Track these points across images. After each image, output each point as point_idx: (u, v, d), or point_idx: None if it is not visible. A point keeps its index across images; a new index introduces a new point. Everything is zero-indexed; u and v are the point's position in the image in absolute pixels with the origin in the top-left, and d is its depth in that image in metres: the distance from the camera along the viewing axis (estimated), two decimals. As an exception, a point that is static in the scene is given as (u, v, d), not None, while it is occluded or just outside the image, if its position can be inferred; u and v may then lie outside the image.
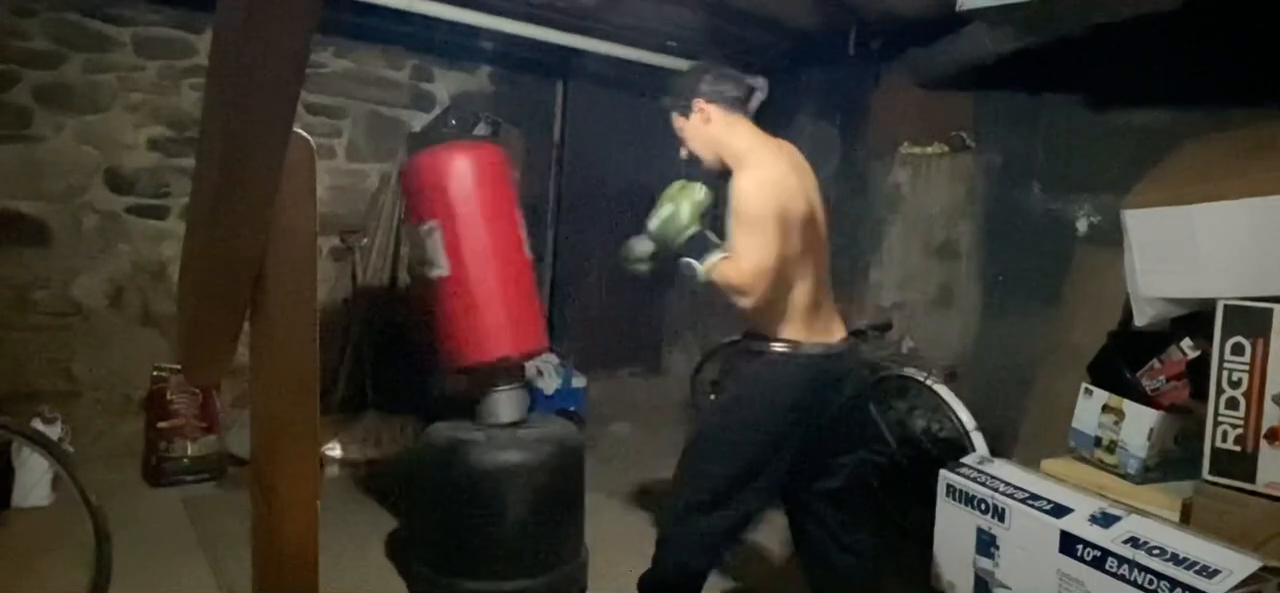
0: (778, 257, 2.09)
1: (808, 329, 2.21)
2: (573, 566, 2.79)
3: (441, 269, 2.68)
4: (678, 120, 2.36)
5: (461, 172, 2.68)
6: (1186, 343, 2.69)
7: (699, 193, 2.26)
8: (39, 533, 3.05)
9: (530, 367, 3.42)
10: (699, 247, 2.17)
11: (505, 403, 2.79)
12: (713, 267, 2.13)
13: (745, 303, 2.10)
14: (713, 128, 2.29)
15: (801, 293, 2.20)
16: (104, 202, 3.87)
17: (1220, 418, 2.35)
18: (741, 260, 2.09)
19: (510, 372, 2.81)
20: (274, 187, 0.98)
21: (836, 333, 2.30)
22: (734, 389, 2.30)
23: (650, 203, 2.32)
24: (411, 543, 3.06)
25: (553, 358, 4.51)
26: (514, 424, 2.77)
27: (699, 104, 2.29)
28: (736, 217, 2.12)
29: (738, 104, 2.31)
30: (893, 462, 3.64)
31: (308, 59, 0.89)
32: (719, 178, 2.30)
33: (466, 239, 2.66)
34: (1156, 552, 2.19)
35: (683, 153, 2.38)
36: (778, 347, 2.20)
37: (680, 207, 2.23)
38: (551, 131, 5.08)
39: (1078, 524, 2.39)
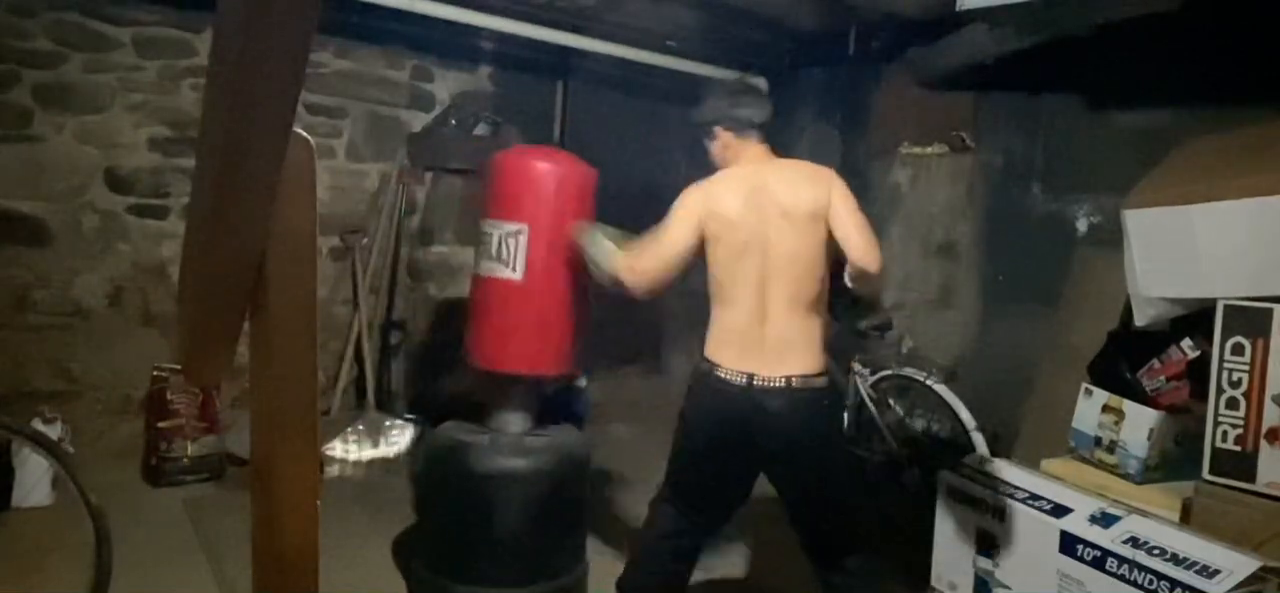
0: (673, 254, 2.25)
1: (739, 355, 2.20)
2: (573, 575, 2.78)
3: (515, 274, 2.63)
4: (703, 139, 2.47)
5: (564, 182, 2.66)
6: (1186, 343, 2.69)
7: (614, 234, 2.52)
8: (39, 533, 3.05)
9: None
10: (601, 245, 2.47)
11: (516, 409, 2.78)
12: (609, 252, 2.41)
13: (636, 288, 2.32)
14: (728, 153, 2.39)
15: (738, 317, 2.22)
16: (104, 202, 3.87)
17: (1220, 418, 2.35)
18: (638, 250, 2.32)
19: (530, 383, 2.79)
20: (274, 187, 0.98)
21: (789, 368, 2.18)
22: (685, 403, 2.39)
23: (650, 202, 2.35)
24: (413, 543, 3.06)
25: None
26: (522, 431, 2.76)
27: (715, 130, 2.40)
28: None
29: (749, 127, 2.37)
30: (893, 462, 3.65)
31: (308, 59, 0.89)
32: None
33: (551, 251, 2.63)
34: (1156, 552, 2.19)
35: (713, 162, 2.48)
36: (701, 366, 2.28)
37: (602, 234, 2.52)
38: (551, 132, 5.08)
39: (1078, 524, 2.39)
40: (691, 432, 2.32)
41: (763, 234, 2.20)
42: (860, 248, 2.19)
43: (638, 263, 2.31)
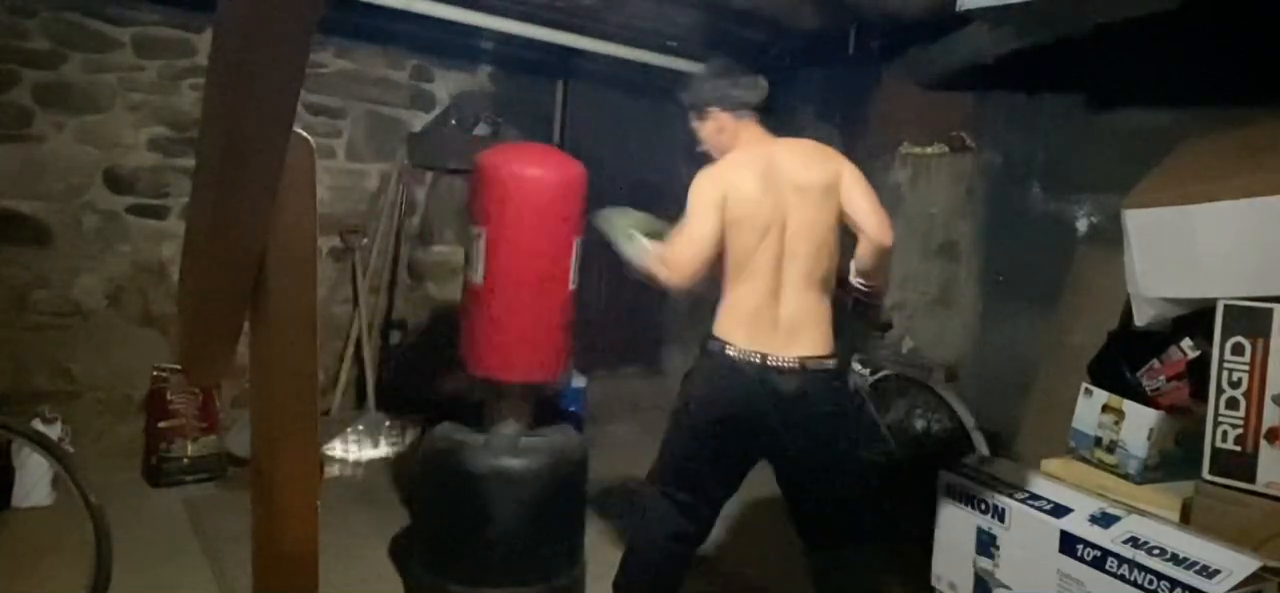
0: (706, 244, 2.17)
1: (751, 335, 2.18)
2: (571, 576, 2.78)
3: (477, 278, 2.63)
4: (694, 121, 2.43)
5: (519, 183, 2.57)
6: (1186, 343, 2.68)
7: (640, 221, 2.47)
8: (39, 533, 3.05)
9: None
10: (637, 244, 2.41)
11: (511, 410, 2.78)
12: (644, 251, 2.32)
13: (674, 283, 2.23)
14: (724, 135, 2.36)
15: (752, 296, 2.19)
16: (104, 202, 3.87)
17: (1220, 418, 2.35)
18: (670, 245, 2.24)
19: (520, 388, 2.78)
20: (274, 187, 0.98)
21: (801, 348, 2.19)
22: (683, 385, 2.35)
23: (649, 201, 2.36)
24: (411, 544, 3.06)
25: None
26: (518, 432, 2.76)
27: (712, 112, 2.37)
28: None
29: (745, 107, 2.35)
30: (893, 462, 3.65)
31: (308, 59, 0.89)
32: None
33: (507, 255, 2.57)
34: (1156, 552, 2.19)
35: (701, 148, 2.46)
36: (711, 345, 2.23)
37: (626, 220, 2.46)
38: (551, 132, 5.07)
39: (1078, 524, 2.39)
40: (697, 412, 2.25)
41: (780, 213, 2.19)
42: (874, 222, 2.21)
43: (672, 258, 2.22)
